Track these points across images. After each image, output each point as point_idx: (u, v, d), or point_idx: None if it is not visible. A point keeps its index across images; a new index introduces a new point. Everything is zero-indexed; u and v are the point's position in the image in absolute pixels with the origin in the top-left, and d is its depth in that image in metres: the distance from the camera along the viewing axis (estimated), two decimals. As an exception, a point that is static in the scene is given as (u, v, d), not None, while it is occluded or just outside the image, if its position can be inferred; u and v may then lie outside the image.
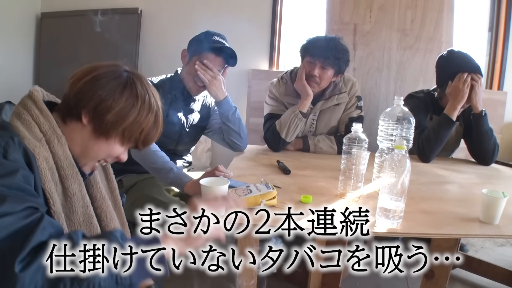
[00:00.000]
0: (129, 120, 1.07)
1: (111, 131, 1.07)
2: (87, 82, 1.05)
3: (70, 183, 1.06)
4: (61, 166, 1.04)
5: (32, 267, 0.75)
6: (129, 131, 1.09)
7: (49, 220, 0.85)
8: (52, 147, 1.03)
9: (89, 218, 1.11)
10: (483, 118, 2.27)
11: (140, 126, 1.10)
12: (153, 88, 1.17)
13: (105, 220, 1.19)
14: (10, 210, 0.80)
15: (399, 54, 3.09)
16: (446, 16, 3.08)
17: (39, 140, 1.01)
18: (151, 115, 1.12)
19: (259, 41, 3.68)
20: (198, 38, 2.13)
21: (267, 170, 1.92)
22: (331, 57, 2.24)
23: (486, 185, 1.51)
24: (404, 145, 1.25)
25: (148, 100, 1.11)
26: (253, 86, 3.46)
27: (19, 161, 0.92)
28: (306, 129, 2.45)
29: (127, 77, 1.10)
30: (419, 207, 1.46)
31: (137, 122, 1.09)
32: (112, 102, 1.05)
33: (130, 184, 2.16)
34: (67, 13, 3.76)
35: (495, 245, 2.93)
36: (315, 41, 2.33)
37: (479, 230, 1.31)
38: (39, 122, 1.03)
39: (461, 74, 2.21)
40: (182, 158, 2.39)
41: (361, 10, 3.08)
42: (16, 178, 0.87)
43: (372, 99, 3.11)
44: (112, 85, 1.06)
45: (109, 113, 1.05)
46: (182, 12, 3.68)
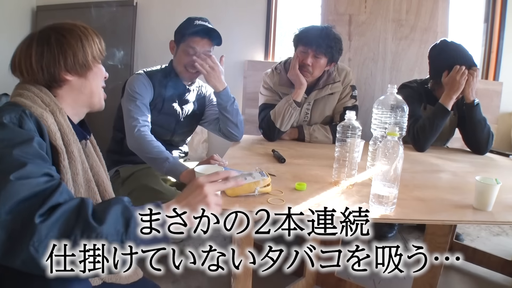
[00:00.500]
0: (85, 44, 1.22)
1: (87, 62, 1.23)
2: (38, 57, 1.17)
3: (73, 148, 1.16)
4: (64, 133, 1.15)
5: (49, 221, 0.84)
6: (91, 51, 1.24)
7: (65, 187, 0.95)
8: (56, 116, 1.14)
9: (88, 181, 1.23)
10: (475, 108, 2.28)
11: (94, 42, 1.25)
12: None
13: (102, 185, 1.30)
14: (31, 174, 0.90)
15: (394, 44, 3.09)
16: (442, 6, 3.08)
17: (44, 109, 1.12)
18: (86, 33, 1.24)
19: (254, 32, 3.68)
20: (181, 26, 2.16)
21: (262, 159, 1.93)
22: (324, 45, 2.24)
23: (480, 173, 1.51)
24: (397, 131, 1.26)
25: (76, 26, 1.24)
26: (248, 76, 3.46)
27: (33, 130, 1.04)
28: (301, 118, 2.45)
29: (46, 28, 1.22)
30: (413, 194, 1.47)
31: (88, 42, 1.23)
32: (68, 48, 1.18)
33: (127, 175, 2.17)
34: (62, 6, 3.75)
35: (490, 234, 2.95)
36: (307, 30, 2.33)
37: (473, 217, 1.31)
38: (40, 96, 1.15)
39: (459, 66, 2.22)
40: (178, 148, 2.40)
41: (356, 1, 3.08)
42: (33, 145, 0.98)
43: (367, 89, 3.11)
44: (51, 43, 1.18)
45: (75, 54, 1.19)
46: (177, 4, 3.67)
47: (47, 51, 1.16)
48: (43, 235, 0.83)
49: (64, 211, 0.87)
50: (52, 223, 0.84)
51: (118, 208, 0.92)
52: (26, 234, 0.82)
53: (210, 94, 2.39)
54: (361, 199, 1.38)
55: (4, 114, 1.01)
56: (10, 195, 0.84)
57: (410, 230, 2.90)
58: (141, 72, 2.16)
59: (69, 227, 0.86)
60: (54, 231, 0.84)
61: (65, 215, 0.87)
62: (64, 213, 0.87)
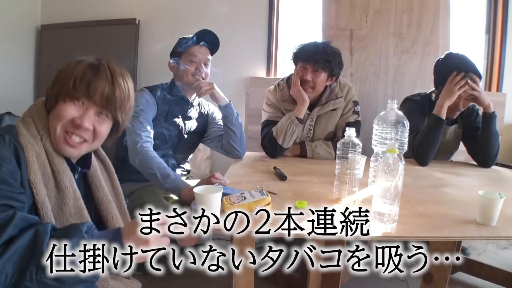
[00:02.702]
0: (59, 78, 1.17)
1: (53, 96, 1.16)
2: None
3: (62, 177, 1.13)
4: (53, 162, 1.13)
5: (2, 259, 0.82)
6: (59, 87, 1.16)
7: (22, 217, 0.92)
8: (45, 145, 1.13)
9: (80, 210, 1.17)
10: (494, 119, 2.27)
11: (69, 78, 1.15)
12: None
13: (111, 220, 1.28)
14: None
15: (396, 58, 3.09)
16: (443, 19, 3.08)
17: (35, 137, 1.11)
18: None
19: (256, 48, 3.71)
20: (176, 45, 2.24)
21: (264, 176, 1.92)
22: (321, 60, 2.25)
23: (485, 187, 1.49)
24: (397, 148, 1.25)
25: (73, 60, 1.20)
26: (251, 93, 3.47)
27: (5, 157, 1.01)
28: (304, 135, 2.45)
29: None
30: (415, 210, 1.45)
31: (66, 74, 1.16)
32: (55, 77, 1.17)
33: (129, 192, 2.17)
34: (66, 25, 3.81)
35: (498, 248, 2.91)
36: (304, 47, 2.35)
37: (476, 232, 1.29)
38: (36, 122, 1.14)
39: (455, 74, 2.22)
40: (180, 167, 2.40)
41: (357, 15, 3.09)
42: (1, 172, 0.96)
43: (370, 103, 3.11)
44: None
45: (51, 85, 1.17)
46: (179, 21, 3.71)
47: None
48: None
49: (19, 247, 0.85)
50: (5, 262, 0.83)
51: (73, 240, 0.89)
52: None
53: (213, 112, 2.41)
54: (362, 217, 1.36)
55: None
56: None
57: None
58: (144, 89, 2.19)
59: (24, 262, 0.84)
60: (8, 268, 0.83)
61: (19, 251, 0.85)
62: (18, 249, 0.85)
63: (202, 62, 2.20)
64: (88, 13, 3.78)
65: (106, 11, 3.75)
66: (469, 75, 2.22)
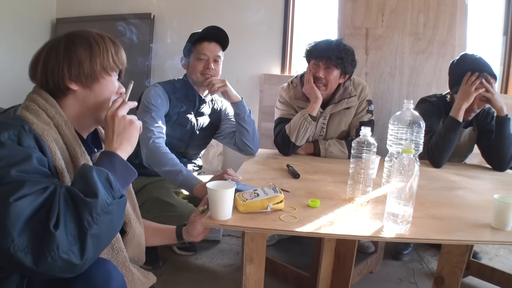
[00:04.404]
0: (95, 53, 1.18)
1: (94, 72, 1.18)
2: (44, 63, 1.16)
3: (80, 162, 1.15)
4: (71, 146, 1.14)
5: (61, 226, 0.88)
6: (101, 61, 1.19)
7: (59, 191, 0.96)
8: (61, 129, 1.13)
9: None
10: (507, 122, 2.24)
11: (107, 51, 1.21)
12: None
13: (129, 224, 1.30)
14: (28, 192, 0.90)
15: (411, 59, 3.06)
16: (459, 20, 3.04)
17: (47, 123, 1.10)
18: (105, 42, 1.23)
19: (271, 46, 3.70)
20: (187, 42, 2.24)
21: (277, 174, 1.91)
22: (333, 57, 2.24)
23: (499, 191, 1.47)
24: (413, 149, 1.24)
25: (90, 34, 1.21)
26: (265, 90, 3.46)
27: (32, 146, 1.02)
28: (317, 133, 2.44)
29: (63, 34, 1.21)
30: (428, 212, 1.44)
31: (100, 52, 1.19)
32: (74, 56, 1.15)
33: (139, 187, 2.18)
34: (81, 19, 3.83)
35: (510, 253, 2.88)
36: (317, 44, 2.34)
37: (490, 237, 1.27)
38: (45, 109, 1.12)
39: (470, 74, 2.19)
40: (192, 162, 2.40)
41: (373, 14, 3.06)
42: (32, 162, 0.97)
43: (384, 103, 3.08)
44: (60, 49, 1.16)
45: (81, 63, 1.16)
46: (194, 16, 3.71)
47: (54, 57, 1.15)
48: (63, 239, 0.88)
49: (66, 210, 0.91)
50: (64, 226, 0.89)
51: (93, 174, 0.97)
52: (48, 245, 0.86)
53: (226, 108, 2.40)
54: (375, 217, 1.35)
55: (3, 131, 0.99)
56: (15, 218, 0.86)
57: (426, 248, 2.84)
58: (157, 85, 2.19)
59: (78, 217, 0.91)
60: (70, 228, 0.90)
61: (68, 212, 0.91)
62: (66, 211, 0.91)
63: (212, 59, 2.17)
64: (103, 7, 3.80)
65: (122, 5, 3.76)
66: (484, 75, 2.19)
